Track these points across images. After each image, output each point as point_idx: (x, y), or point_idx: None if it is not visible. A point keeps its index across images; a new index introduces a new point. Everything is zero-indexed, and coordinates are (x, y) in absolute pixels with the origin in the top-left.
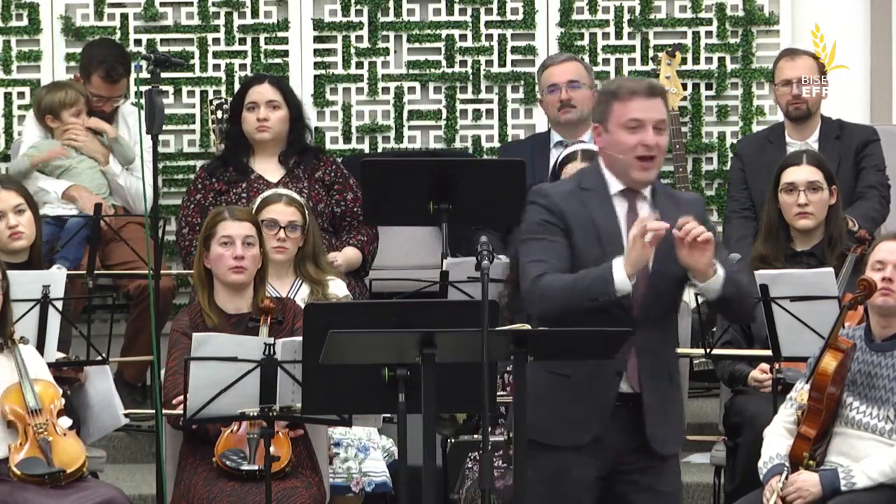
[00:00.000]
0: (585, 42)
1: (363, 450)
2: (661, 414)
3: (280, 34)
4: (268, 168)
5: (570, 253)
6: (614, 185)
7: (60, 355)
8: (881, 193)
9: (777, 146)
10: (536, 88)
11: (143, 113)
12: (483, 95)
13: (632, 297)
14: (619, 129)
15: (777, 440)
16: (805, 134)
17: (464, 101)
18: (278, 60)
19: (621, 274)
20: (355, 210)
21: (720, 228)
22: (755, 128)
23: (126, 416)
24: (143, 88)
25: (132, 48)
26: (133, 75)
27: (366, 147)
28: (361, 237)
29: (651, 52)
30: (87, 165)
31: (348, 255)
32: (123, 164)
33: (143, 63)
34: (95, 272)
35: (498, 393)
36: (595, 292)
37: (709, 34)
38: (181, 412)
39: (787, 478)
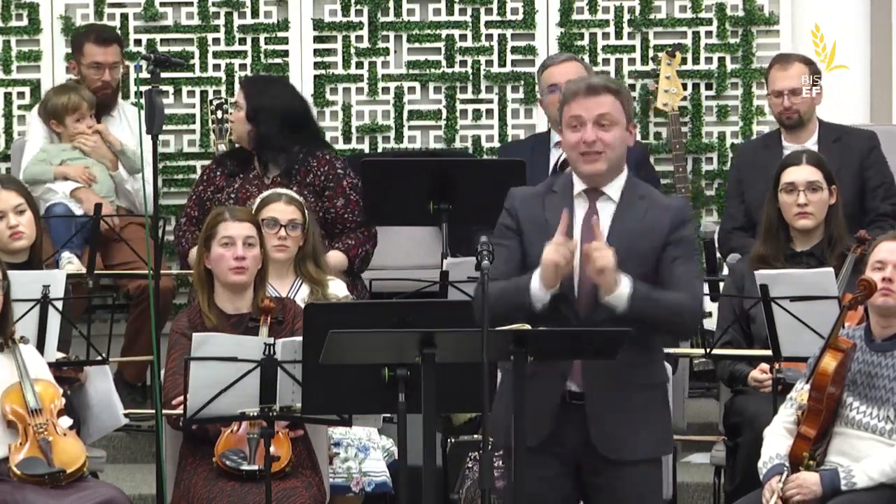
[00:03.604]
0: (585, 42)
1: (363, 450)
2: (610, 417)
3: (280, 34)
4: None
5: (519, 255)
6: (578, 186)
7: (60, 355)
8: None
9: (774, 151)
10: (536, 88)
11: (143, 113)
12: (483, 95)
13: (578, 298)
14: (566, 129)
15: (777, 440)
16: (802, 139)
17: (464, 101)
18: (278, 60)
19: (536, 286)
20: (345, 216)
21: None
22: (755, 128)
23: (126, 416)
24: (143, 88)
25: (132, 48)
26: (133, 75)
27: (366, 147)
28: (349, 241)
29: (651, 52)
30: (96, 169)
31: (331, 259)
32: (130, 174)
33: (143, 63)
34: (96, 272)
35: None
36: (520, 301)
37: (709, 34)
38: (181, 412)
39: (787, 478)
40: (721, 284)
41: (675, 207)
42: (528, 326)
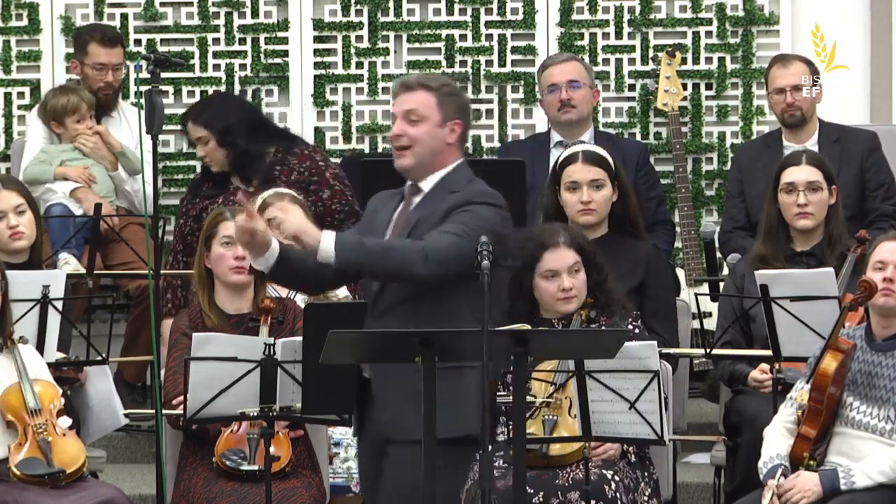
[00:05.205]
0: (585, 42)
1: None
2: (386, 398)
3: (280, 34)
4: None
5: None
6: (409, 182)
7: (60, 355)
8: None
9: (775, 151)
10: (536, 88)
11: (143, 113)
12: (483, 95)
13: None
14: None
15: (777, 440)
16: (802, 139)
17: None
18: (278, 60)
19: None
20: (333, 208)
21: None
22: (755, 128)
23: (126, 416)
24: (143, 88)
25: (132, 48)
26: (133, 75)
27: (366, 147)
28: None
29: (651, 52)
30: (96, 170)
31: None
32: (130, 175)
33: (143, 63)
34: (95, 272)
35: (498, 394)
36: None
37: (709, 34)
38: (181, 412)
39: (787, 478)
40: (721, 284)
41: (468, 192)
42: (527, 326)
